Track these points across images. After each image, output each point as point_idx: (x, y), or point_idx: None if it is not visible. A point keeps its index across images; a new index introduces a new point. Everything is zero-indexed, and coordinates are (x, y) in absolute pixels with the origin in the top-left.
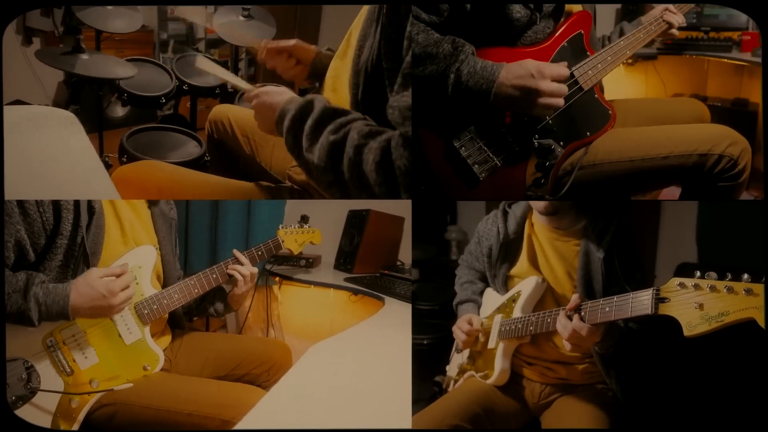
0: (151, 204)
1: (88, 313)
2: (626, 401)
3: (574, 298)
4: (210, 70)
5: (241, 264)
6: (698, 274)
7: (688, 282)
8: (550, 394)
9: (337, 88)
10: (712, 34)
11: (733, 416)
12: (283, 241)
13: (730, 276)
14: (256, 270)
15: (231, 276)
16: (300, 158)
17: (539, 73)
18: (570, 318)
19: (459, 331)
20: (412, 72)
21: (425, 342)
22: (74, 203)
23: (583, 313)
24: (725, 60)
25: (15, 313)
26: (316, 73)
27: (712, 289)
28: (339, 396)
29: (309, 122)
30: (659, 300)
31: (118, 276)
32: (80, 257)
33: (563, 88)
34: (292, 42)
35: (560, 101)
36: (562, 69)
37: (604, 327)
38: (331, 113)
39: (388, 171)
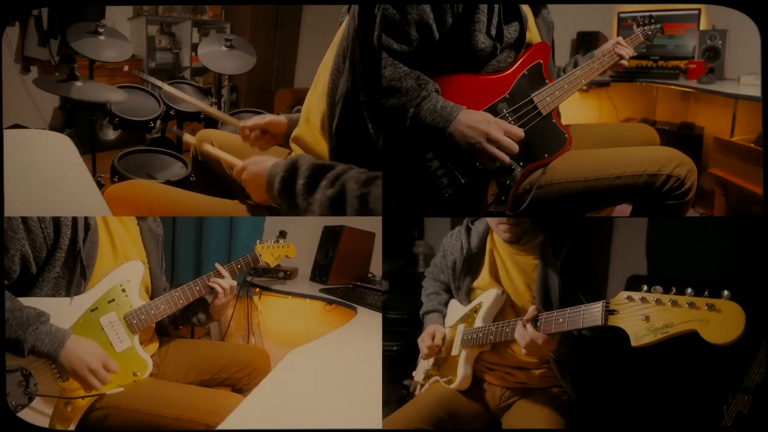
0: (140, 221)
1: (69, 363)
2: (581, 403)
3: (531, 310)
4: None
5: (222, 277)
6: (645, 287)
7: (636, 295)
8: (509, 397)
9: (310, 119)
10: (660, 62)
11: (680, 417)
12: (260, 255)
13: (674, 290)
14: (235, 283)
15: (213, 288)
16: (298, 214)
17: (496, 123)
18: (527, 328)
19: (422, 344)
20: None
21: (394, 348)
22: (72, 219)
23: (538, 324)
24: (673, 87)
25: (12, 341)
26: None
27: (658, 302)
28: (314, 398)
29: (300, 181)
30: (609, 312)
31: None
32: (76, 269)
33: (514, 146)
34: (265, 120)
35: (506, 158)
36: (518, 130)
37: (559, 336)
38: (320, 168)
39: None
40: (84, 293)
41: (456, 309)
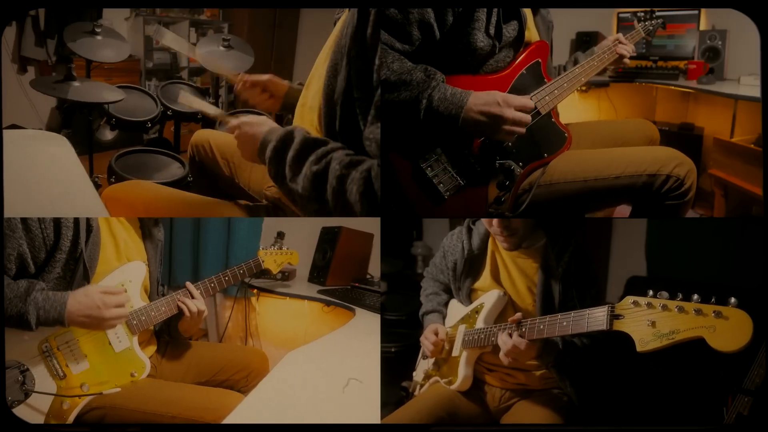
0: (143, 224)
1: (81, 322)
2: (580, 405)
3: (516, 316)
4: (192, 104)
5: (192, 297)
6: (651, 293)
7: (642, 300)
8: (509, 398)
9: (304, 117)
10: (660, 63)
11: (680, 418)
12: (263, 261)
13: (681, 296)
14: (204, 309)
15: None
16: (284, 187)
17: (505, 101)
18: (511, 335)
19: (426, 341)
20: (386, 98)
21: (393, 350)
22: (74, 221)
23: (542, 327)
24: (672, 87)
25: (15, 317)
26: (288, 106)
27: (664, 308)
28: (312, 400)
29: (290, 153)
30: (614, 317)
31: (115, 294)
32: (77, 271)
33: (526, 117)
34: (266, 77)
35: (522, 129)
36: (527, 100)
37: (539, 344)
38: (311, 143)
39: (372, 199)
40: None
41: (457, 309)
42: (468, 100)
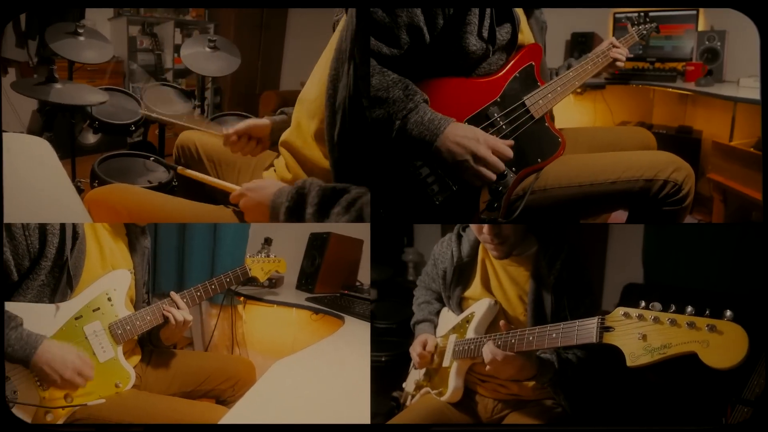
0: (129, 232)
1: (41, 370)
2: (575, 416)
3: (502, 324)
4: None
5: (178, 308)
6: (643, 304)
7: (633, 312)
8: (501, 410)
9: (301, 124)
10: (657, 64)
11: (678, 429)
12: (250, 270)
13: (674, 308)
14: (190, 318)
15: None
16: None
17: (485, 140)
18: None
19: (414, 352)
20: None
21: (383, 359)
22: (60, 228)
23: (531, 338)
24: (670, 89)
25: None
26: (276, 141)
27: (656, 320)
28: (301, 411)
29: (309, 210)
30: (604, 329)
31: (87, 366)
32: (61, 278)
33: (500, 164)
34: (246, 123)
35: (492, 176)
36: (506, 148)
37: (520, 360)
38: (330, 194)
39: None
40: (69, 300)
41: (448, 318)
42: (446, 128)
